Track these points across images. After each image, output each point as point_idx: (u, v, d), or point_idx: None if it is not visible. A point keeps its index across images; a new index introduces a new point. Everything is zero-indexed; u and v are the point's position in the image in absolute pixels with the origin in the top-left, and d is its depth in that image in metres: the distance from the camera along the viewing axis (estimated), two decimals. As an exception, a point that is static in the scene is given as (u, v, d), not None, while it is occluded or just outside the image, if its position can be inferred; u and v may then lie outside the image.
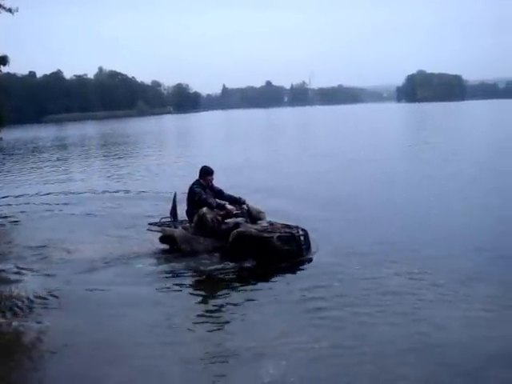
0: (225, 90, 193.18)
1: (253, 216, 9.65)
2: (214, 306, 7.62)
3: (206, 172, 9.99)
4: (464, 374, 5.59)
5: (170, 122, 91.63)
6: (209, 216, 9.46)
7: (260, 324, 6.88)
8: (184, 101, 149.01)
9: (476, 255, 9.22)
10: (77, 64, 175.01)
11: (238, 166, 22.52)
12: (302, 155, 27.22)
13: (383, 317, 6.87)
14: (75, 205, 15.39)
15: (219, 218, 9.54)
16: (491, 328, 6.52)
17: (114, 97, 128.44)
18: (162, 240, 10.04)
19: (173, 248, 9.82)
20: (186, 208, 9.96)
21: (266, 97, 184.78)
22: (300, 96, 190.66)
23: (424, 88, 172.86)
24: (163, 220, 10.44)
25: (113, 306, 7.65)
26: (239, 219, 9.60)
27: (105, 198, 16.57)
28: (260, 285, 8.30)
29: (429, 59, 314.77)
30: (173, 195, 10.36)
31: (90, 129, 75.94)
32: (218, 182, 10.22)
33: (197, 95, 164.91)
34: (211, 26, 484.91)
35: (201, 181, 9.91)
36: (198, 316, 7.27)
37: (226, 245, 9.21)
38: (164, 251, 9.95)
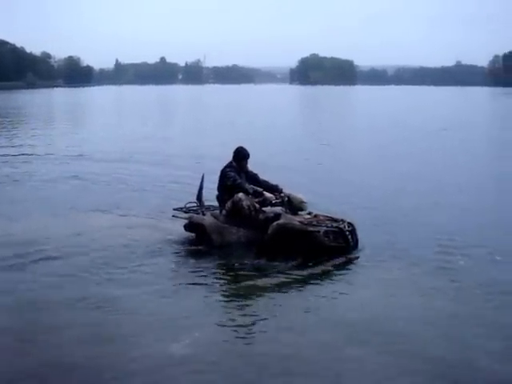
0: (118, 64, 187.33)
1: (293, 206, 8.65)
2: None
3: (241, 156, 8.91)
4: None
5: (58, 96, 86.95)
6: (245, 203, 8.41)
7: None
8: (75, 74, 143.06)
9: None
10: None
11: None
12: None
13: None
14: None
15: (257, 205, 8.52)
16: None
17: (1, 67, 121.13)
18: (188, 228, 8.85)
19: (200, 238, 8.66)
20: (216, 193, 8.89)
21: (160, 74, 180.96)
22: (194, 74, 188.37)
23: (317, 71, 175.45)
24: (189, 205, 9.24)
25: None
26: (278, 209, 8.59)
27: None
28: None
29: (322, 43, 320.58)
30: (201, 177, 9.16)
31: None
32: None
33: (89, 69, 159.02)
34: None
35: (234, 164, 8.84)
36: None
37: (263, 237, 8.24)
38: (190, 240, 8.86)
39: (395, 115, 41.95)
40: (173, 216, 9.22)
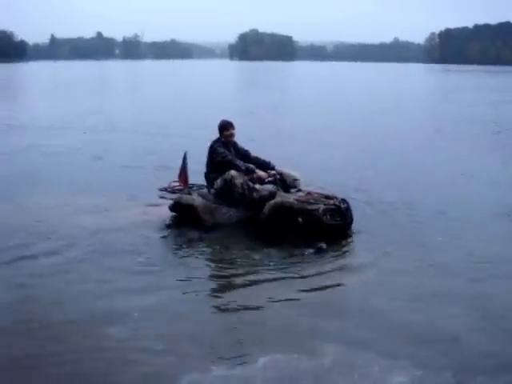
0: (53, 39, 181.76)
1: (287, 184, 8.22)
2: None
3: (224, 126, 8.34)
4: None
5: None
6: (238, 181, 7.93)
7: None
8: (8, 50, 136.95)
9: None
10: None
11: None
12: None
13: None
14: None
15: (250, 183, 8.06)
16: None
17: None
18: (174, 208, 8.19)
19: (186, 219, 8.03)
20: (205, 170, 8.36)
21: (97, 49, 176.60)
22: (132, 49, 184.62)
23: (256, 46, 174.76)
24: (173, 185, 8.73)
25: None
26: (270, 186, 8.12)
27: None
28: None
29: (261, 18, 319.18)
30: (183, 156, 8.64)
31: None
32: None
33: (23, 44, 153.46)
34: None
35: (222, 139, 8.39)
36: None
37: (259, 217, 7.73)
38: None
39: (329, 90, 43.02)
40: (160, 197, 8.64)
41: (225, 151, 8.16)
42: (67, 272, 6.49)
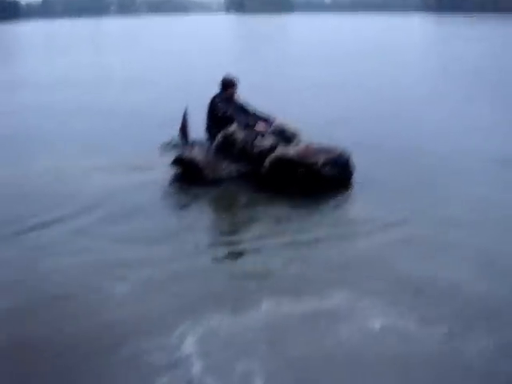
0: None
1: (287, 137, 8.31)
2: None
3: (227, 83, 8.48)
4: None
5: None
6: (238, 136, 8.07)
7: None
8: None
9: None
10: None
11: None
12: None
13: None
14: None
15: (251, 137, 8.15)
16: None
17: None
18: (176, 163, 8.35)
19: (190, 174, 8.22)
20: (205, 125, 8.49)
21: (91, 5, 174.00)
22: (127, 5, 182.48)
23: (252, 0, 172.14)
24: (175, 140, 8.81)
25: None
26: (271, 140, 8.19)
27: None
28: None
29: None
30: (184, 110, 8.69)
31: None
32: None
33: (15, 4, 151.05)
34: None
35: (222, 94, 8.44)
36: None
37: (260, 170, 7.93)
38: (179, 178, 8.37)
39: (329, 42, 42.74)
40: (162, 152, 8.77)
41: (225, 106, 8.25)
42: (72, 243, 6.39)
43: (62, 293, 5.25)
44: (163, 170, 8.51)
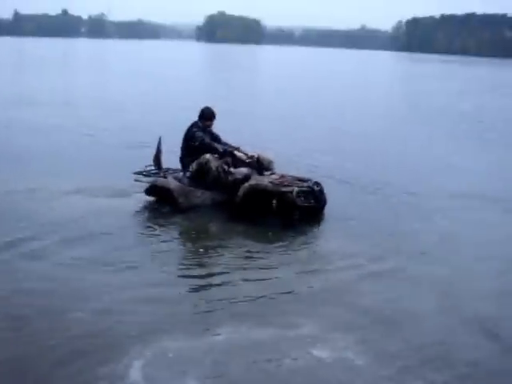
0: (17, 15, 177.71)
1: (263, 166, 8.36)
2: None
3: (207, 116, 8.52)
4: None
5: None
6: (213, 164, 8.13)
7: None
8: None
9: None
10: None
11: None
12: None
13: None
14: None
15: (225, 167, 8.23)
16: None
17: None
18: (150, 192, 8.39)
19: (162, 202, 8.28)
20: (180, 154, 8.49)
21: (63, 26, 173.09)
22: (98, 28, 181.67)
23: (224, 29, 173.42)
24: (149, 168, 8.81)
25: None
26: (245, 169, 8.29)
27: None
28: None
29: (229, 0, 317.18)
30: (158, 140, 8.68)
31: None
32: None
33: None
34: None
35: (199, 123, 8.50)
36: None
37: (233, 199, 7.95)
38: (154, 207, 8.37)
39: (297, 74, 43.50)
40: (135, 180, 8.69)
41: (203, 135, 8.31)
42: (38, 258, 6.41)
43: (17, 314, 5.22)
44: (136, 197, 8.52)
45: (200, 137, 8.26)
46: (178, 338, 4.85)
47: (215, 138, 8.54)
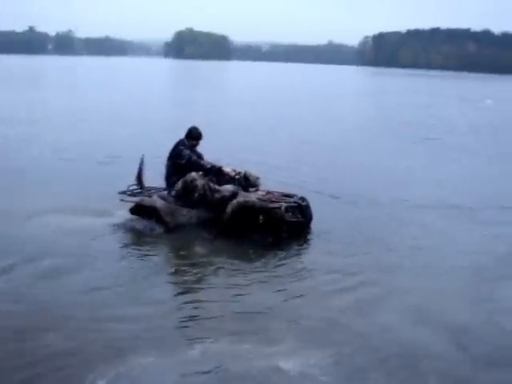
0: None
1: (250, 183, 8.29)
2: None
3: (195, 136, 8.46)
4: None
5: None
6: (199, 182, 8.07)
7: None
8: None
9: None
10: None
11: None
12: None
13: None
14: None
15: (211, 184, 8.19)
16: None
17: None
18: (135, 211, 8.23)
19: (148, 220, 8.10)
20: (165, 173, 8.39)
21: (29, 43, 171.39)
22: (65, 45, 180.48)
23: (192, 45, 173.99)
24: (132, 188, 8.74)
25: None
26: (231, 186, 8.21)
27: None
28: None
29: (197, 17, 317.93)
30: (140, 159, 8.63)
31: None
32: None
33: None
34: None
35: (186, 142, 8.47)
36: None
37: (221, 217, 7.88)
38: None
39: (265, 89, 44.25)
40: (121, 200, 8.51)
41: (190, 153, 8.25)
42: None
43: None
44: (121, 216, 8.38)
45: (187, 154, 8.20)
46: (150, 355, 4.85)
47: (200, 157, 8.51)
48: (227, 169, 8.38)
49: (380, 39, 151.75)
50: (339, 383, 4.63)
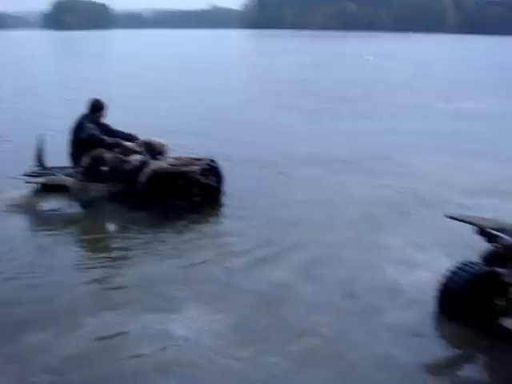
0: None
1: (155, 151, 8.19)
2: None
3: (98, 106, 8.29)
4: None
5: None
6: (107, 156, 7.94)
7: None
8: None
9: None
10: None
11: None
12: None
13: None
14: None
15: (121, 156, 8.04)
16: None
17: None
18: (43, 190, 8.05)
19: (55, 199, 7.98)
20: (69, 150, 8.22)
21: None
22: None
23: (71, 15, 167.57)
24: (36, 169, 8.37)
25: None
26: (139, 156, 8.06)
27: None
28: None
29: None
30: (38, 139, 8.30)
31: None
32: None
33: None
34: None
35: (90, 115, 8.22)
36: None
37: (135, 187, 7.74)
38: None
39: (147, 57, 43.67)
40: (26, 182, 8.23)
41: (93, 129, 8.09)
42: None
43: None
44: (28, 200, 8.16)
45: (88, 128, 8.05)
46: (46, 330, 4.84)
47: (104, 129, 8.35)
48: (127, 143, 8.24)
49: (263, 1, 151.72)
50: (225, 346, 4.68)
